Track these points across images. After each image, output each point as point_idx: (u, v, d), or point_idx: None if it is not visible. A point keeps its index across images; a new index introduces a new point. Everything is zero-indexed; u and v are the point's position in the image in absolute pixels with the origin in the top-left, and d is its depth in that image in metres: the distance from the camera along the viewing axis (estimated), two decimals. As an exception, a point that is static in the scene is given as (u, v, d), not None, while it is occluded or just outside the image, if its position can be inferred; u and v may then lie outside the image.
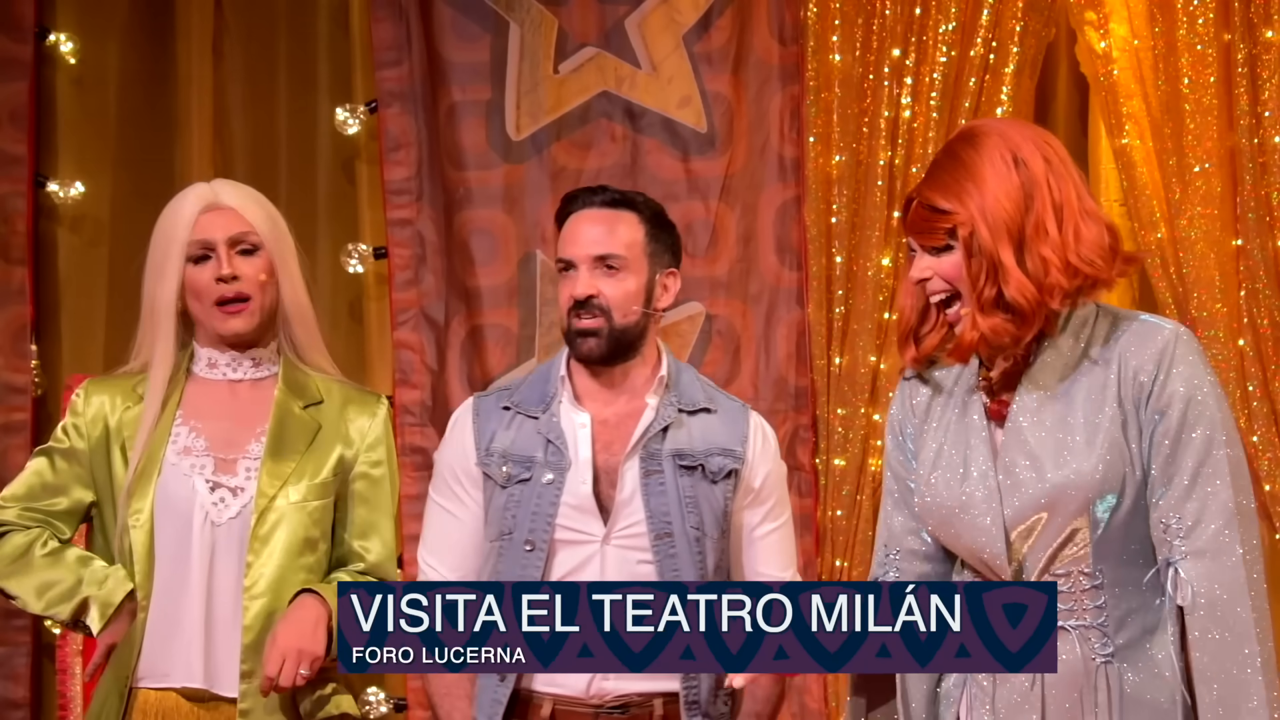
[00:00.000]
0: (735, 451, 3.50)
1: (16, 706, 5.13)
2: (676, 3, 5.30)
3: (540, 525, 3.42)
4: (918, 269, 3.00)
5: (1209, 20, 5.02)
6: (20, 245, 5.22)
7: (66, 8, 5.36)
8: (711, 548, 3.46)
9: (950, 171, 2.98)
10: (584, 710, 3.42)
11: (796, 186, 5.23)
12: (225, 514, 3.48)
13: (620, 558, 3.43)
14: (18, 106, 5.23)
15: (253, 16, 5.42)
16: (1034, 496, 2.94)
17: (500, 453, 3.48)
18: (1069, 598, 2.94)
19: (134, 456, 3.50)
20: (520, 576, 3.40)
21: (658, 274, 3.51)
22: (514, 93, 5.31)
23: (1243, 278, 5.02)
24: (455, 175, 5.31)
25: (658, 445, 3.47)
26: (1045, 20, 5.16)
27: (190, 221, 3.51)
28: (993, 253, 2.92)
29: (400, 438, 5.24)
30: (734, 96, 5.28)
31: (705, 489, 3.47)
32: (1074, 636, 2.94)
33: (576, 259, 3.49)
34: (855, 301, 5.15)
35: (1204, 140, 5.01)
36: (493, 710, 3.43)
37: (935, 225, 2.96)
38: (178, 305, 3.52)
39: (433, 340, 5.28)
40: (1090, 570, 2.94)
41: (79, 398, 3.59)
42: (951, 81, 5.12)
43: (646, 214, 3.53)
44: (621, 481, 3.45)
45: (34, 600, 3.52)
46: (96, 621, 3.49)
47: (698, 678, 3.41)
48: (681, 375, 3.55)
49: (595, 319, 3.46)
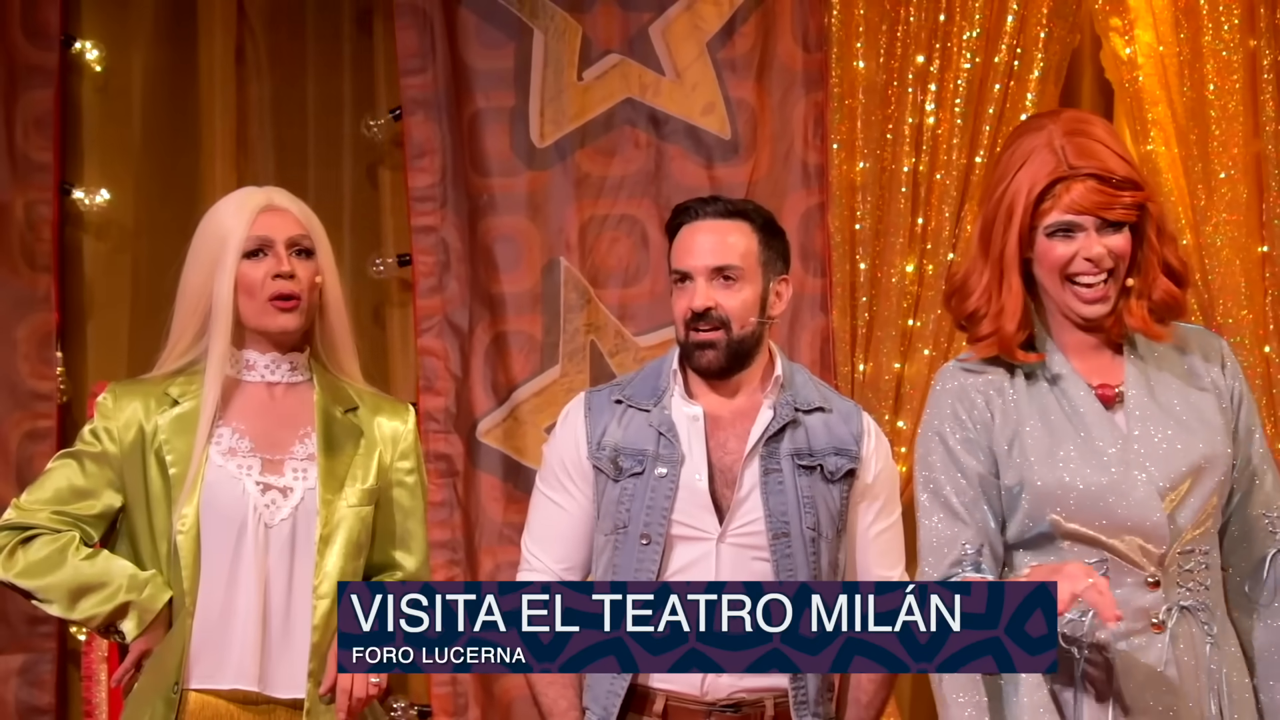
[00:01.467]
0: (851, 451, 3.54)
1: (42, 713, 5.13)
2: (700, 10, 5.31)
3: (656, 519, 3.45)
4: (1088, 243, 3.01)
5: (1234, 26, 5.03)
6: (46, 252, 5.22)
7: (92, 16, 5.37)
8: (827, 548, 3.49)
9: (1112, 150, 3.04)
10: (697, 708, 3.45)
11: (820, 193, 5.24)
12: (278, 515, 3.49)
13: (735, 556, 3.45)
14: (43, 114, 5.23)
15: (277, 24, 5.43)
16: (1179, 465, 2.98)
17: (612, 446, 3.52)
18: (1190, 576, 2.99)
19: (194, 459, 3.48)
20: (637, 570, 3.43)
21: (771, 282, 3.55)
22: (538, 100, 5.32)
23: (1268, 284, 5.04)
24: (479, 182, 5.32)
25: (776, 445, 3.50)
26: (1070, 26, 5.17)
27: (249, 219, 3.53)
28: (1166, 224, 3.04)
29: (424, 444, 5.21)
30: (758, 103, 5.29)
31: (823, 489, 3.50)
32: (1192, 617, 2.99)
33: (693, 270, 3.51)
34: (879, 308, 5.17)
35: (1229, 147, 5.03)
36: (609, 702, 3.45)
37: (1123, 199, 3.00)
38: (235, 303, 3.51)
39: (456, 347, 5.28)
40: (1209, 547, 3.01)
41: (108, 401, 3.57)
42: (976, 88, 5.14)
43: (759, 222, 3.56)
44: (740, 480, 3.48)
45: (66, 604, 3.49)
46: (133, 629, 3.48)
47: (805, 677, 3.44)
48: (796, 375, 3.59)
49: (714, 331, 3.50)
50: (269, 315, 3.52)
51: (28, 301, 5.21)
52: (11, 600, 5.08)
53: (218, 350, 3.50)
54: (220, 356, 3.50)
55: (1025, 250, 3.07)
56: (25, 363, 5.20)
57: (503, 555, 5.14)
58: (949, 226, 5.14)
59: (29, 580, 3.48)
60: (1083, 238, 3.03)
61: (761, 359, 3.56)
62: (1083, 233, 3.03)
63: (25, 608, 5.08)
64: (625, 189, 5.28)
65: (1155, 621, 2.97)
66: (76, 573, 3.47)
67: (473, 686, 5.14)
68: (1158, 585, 2.97)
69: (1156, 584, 2.97)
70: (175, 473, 3.48)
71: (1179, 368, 3.06)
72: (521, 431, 5.24)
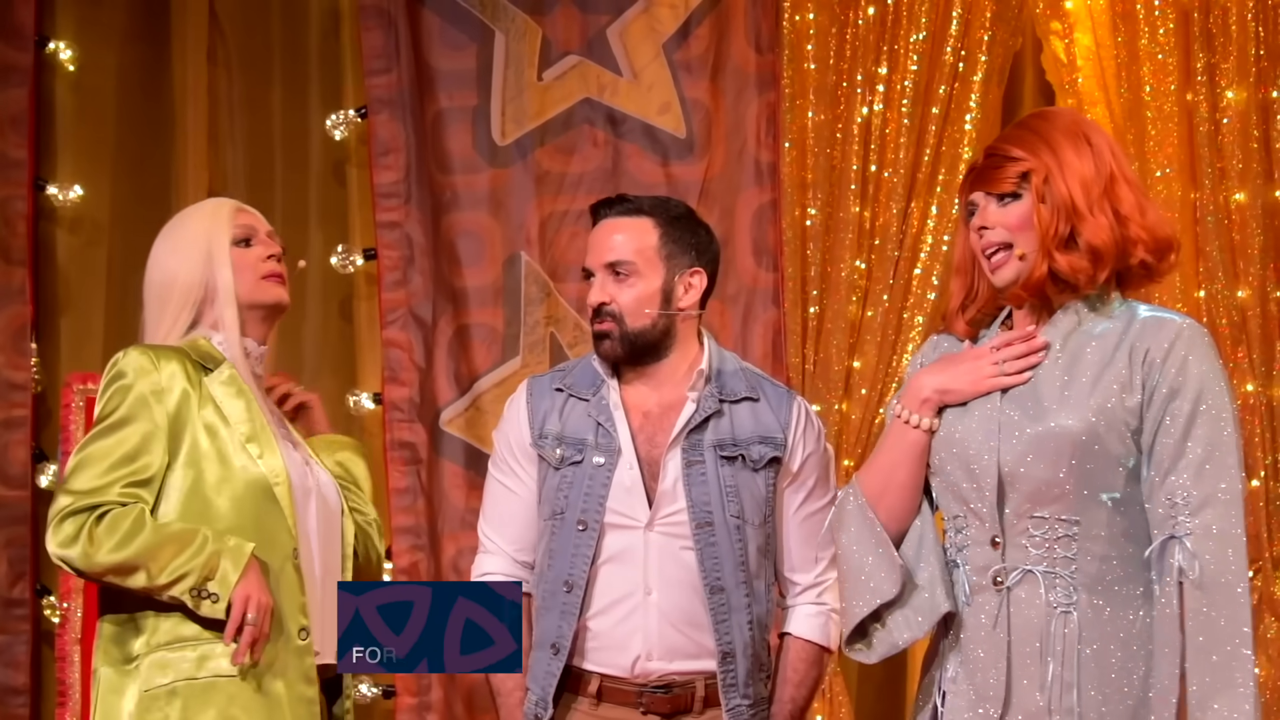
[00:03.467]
0: (776, 439, 3.57)
1: (17, 693, 5.16)
2: (657, 12, 5.36)
3: (593, 506, 3.51)
4: (981, 217, 3.13)
5: (1169, 30, 5.12)
6: (21, 246, 5.25)
7: (66, 17, 5.40)
8: (753, 534, 3.54)
9: (1022, 133, 3.15)
10: (629, 688, 3.51)
11: (773, 190, 5.29)
12: (316, 484, 3.55)
13: (663, 544, 3.51)
14: (18, 112, 5.26)
15: (247, 26, 5.47)
16: (1026, 438, 3.06)
17: (554, 435, 3.58)
18: (1042, 542, 3.06)
19: (258, 423, 3.46)
20: (574, 555, 3.51)
21: (677, 275, 3.58)
22: (499, 99, 5.37)
23: (1201, 278, 5.14)
24: (442, 179, 5.37)
25: (699, 436, 3.55)
26: (1012, 30, 5.26)
27: (230, 217, 3.59)
28: (1066, 197, 3.08)
29: (389, 433, 5.30)
30: (712, 103, 5.35)
31: (747, 477, 3.55)
32: (1040, 582, 3.06)
33: (594, 267, 3.60)
34: (829, 301, 5.23)
35: (1165, 146, 5.12)
36: (546, 682, 3.52)
37: (1006, 172, 3.11)
38: (235, 286, 3.55)
39: (420, 339, 5.33)
40: (1068, 519, 3.06)
41: (144, 361, 3.46)
42: (922, 89, 5.22)
43: (663, 218, 3.60)
44: (664, 472, 3.53)
45: (155, 569, 3.34)
46: (233, 574, 3.34)
47: (734, 660, 3.50)
48: (725, 365, 3.62)
49: (606, 323, 3.57)
50: (263, 289, 3.57)
51: (3, 294, 5.25)
52: (-15, 583, 5.19)
53: (234, 331, 3.53)
54: (238, 337, 3.54)
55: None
56: (0, 354, 5.24)
57: (465, 540, 5.19)
58: (896, 223, 5.21)
59: (117, 554, 3.33)
60: (979, 212, 3.15)
61: (685, 351, 3.60)
62: (979, 208, 3.15)
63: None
64: (584, 186, 5.32)
65: (996, 580, 3.08)
66: (159, 534, 3.36)
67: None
68: (999, 545, 3.08)
69: (998, 544, 3.08)
70: (246, 430, 3.46)
71: (1094, 345, 3.10)
72: (483, 421, 5.27)
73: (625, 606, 3.51)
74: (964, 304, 3.23)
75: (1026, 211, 3.10)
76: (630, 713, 3.52)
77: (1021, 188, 3.11)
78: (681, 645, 3.51)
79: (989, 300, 3.22)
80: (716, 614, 3.50)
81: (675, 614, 3.50)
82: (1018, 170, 3.10)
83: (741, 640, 3.51)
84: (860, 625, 3.17)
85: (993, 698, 3.06)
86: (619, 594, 3.51)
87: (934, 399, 3.15)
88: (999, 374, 3.12)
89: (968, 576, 3.12)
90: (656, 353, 3.58)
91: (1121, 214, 3.09)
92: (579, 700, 3.53)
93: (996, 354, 3.13)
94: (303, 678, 3.43)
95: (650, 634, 3.50)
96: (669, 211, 3.62)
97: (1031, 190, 3.10)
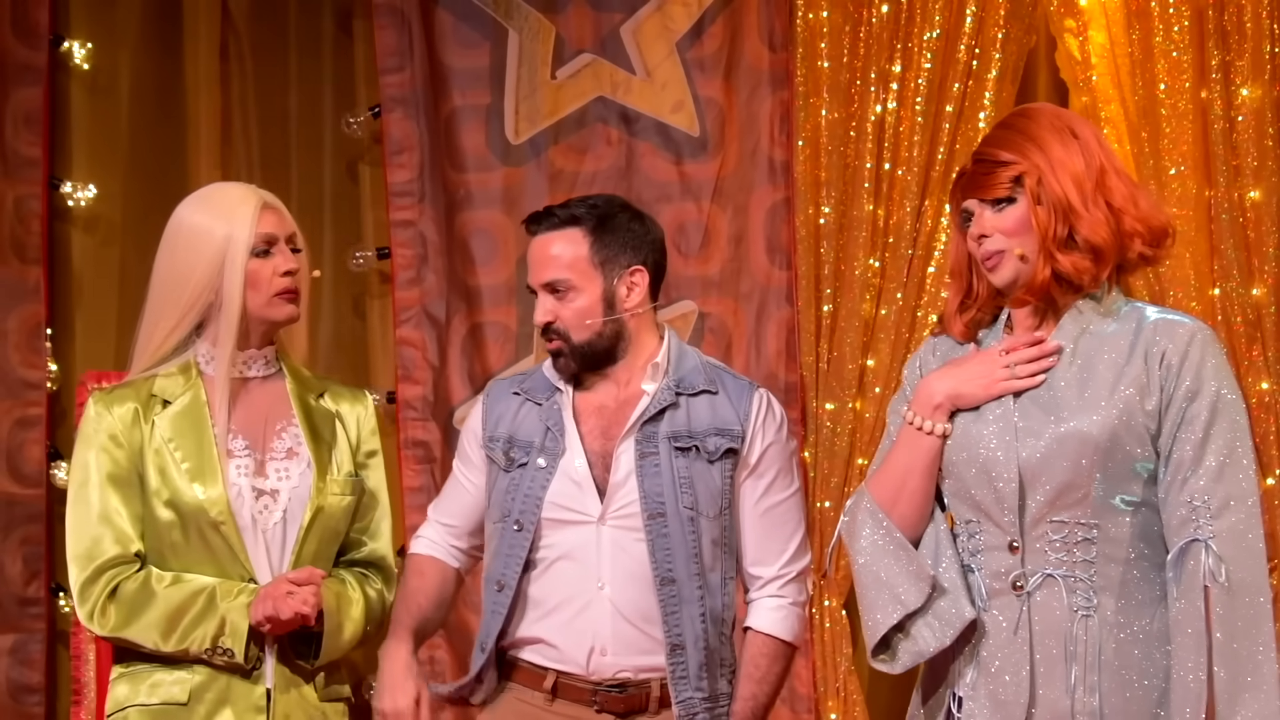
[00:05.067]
0: (733, 430, 3.54)
1: (32, 691, 5.17)
2: (670, 11, 5.36)
3: (530, 507, 3.50)
4: (978, 226, 3.11)
5: (1184, 28, 5.11)
6: (35, 245, 5.26)
7: (80, 16, 5.41)
8: (708, 526, 3.51)
9: (1008, 134, 3.12)
10: (584, 686, 3.50)
11: (786, 188, 5.29)
12: (270, 520, 3.56)
13: (615, 537, 3.49)
14: (33, 111, 5.27)
15: (260, 25, 5.47)
16: (1046, 441, 3.05)
17: (505, 438, 3.57)
18: (1062, 546, 3.05)
19: (210, 455, 3.50)
20: (508, 556, 3.51)
21: (615, 279, 3.55)
22: (513, 98, 5.37)
23: (1216, 276, 5.12)
24: (456, 177, 5.37)
25: (654, 428, 3.52)
26: (1026, 27, 5.25)
27: (253, 218, 3.54)
28: (1062, 197, 3.05)
29: (403, 432, 5.31)
30: (725, 101, 5.34)
31: (701, 469, 3.52)
32: (1061, 585, 3.05)
33: (534, 285, 3.58)
34: (842, 300, 5.23)
35: (1179, 144, 5.10)
36: (474, 675, 3.55)
37: (998, 177, 3.09)
38: (244, 297, 3.54)
39: (434, 337, 5.34)
40: (1087, 522, 3.05)
41: (99, 408, 3.55)
42: (936, 87, 5.21)
43: (590, 224, 3.54)
44: (616, 464, 3.51)
45: (168, 641, 3.48)
46: (242, 624, 3.46)
47: (684, 651, 3.47)
48: (684, 359, 3.59)
49: (555, 342, 3.55)
50: (275, 306, 3.55)
51: (17, 293, 5.25)
52: (1, 581, 5.18)
53: (227, 348, 3.52)
54: (229, 354, 3.53)
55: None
56: (15, 352, 5.24)
57: (478, 538, 5.23)
58: (910, 221, 5.21)
59: (125, 631, 3.49)
60: (975, 220, 3.13)
61: (642, 348, 3.57)
62: (974, 216, 3.13)
63: (14, 589, 5.19)
64: (597, 184, 5.30)
65: (1016, 585, 3.07)
66: (163, 605, 3.48)
67: (449, 660, 5.22)
68: (1018, 550, 3.06)
69: (1017, 548, 3.06)
70: (191, 464, 3.50)
71: (1107, 347, 3.09)
72: None
73: (578, 603, 3.49)
74: (962, 305, 3.21)
75: (1023, 215, 3.08)
76: (585, 710, 3.50)
77: (1015, 191, 3.08)
78: (635, 640, 3.49)
79: (989, 301, 3.20)
80: (667, 605, 3.47)
81: (629, 608, 3.49)
82: (1009, 175, 3.08)
83: (693, 633, 3.48)
84: (882, 636, 3.14)
85: (1015, 703, 3.05)
86: (571, 591, 3.50)
87: (946, 404, 3.13)
88: (1010, 377, 3.11)
89: (983, 581, 3.11)
90: (611, 356, 3.56)
91: (1115, 206, 3.07)
92: (534, 695, 3.52)
93: (1007, 357, 3.12)
94: (251, 707, 3.49)
95: (603, 629, 3.49)
96: (595, 214, 3.55)
97: (1026, 193, 3.08)
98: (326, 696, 3.60)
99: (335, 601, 3.56)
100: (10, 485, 5.23)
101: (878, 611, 3.12)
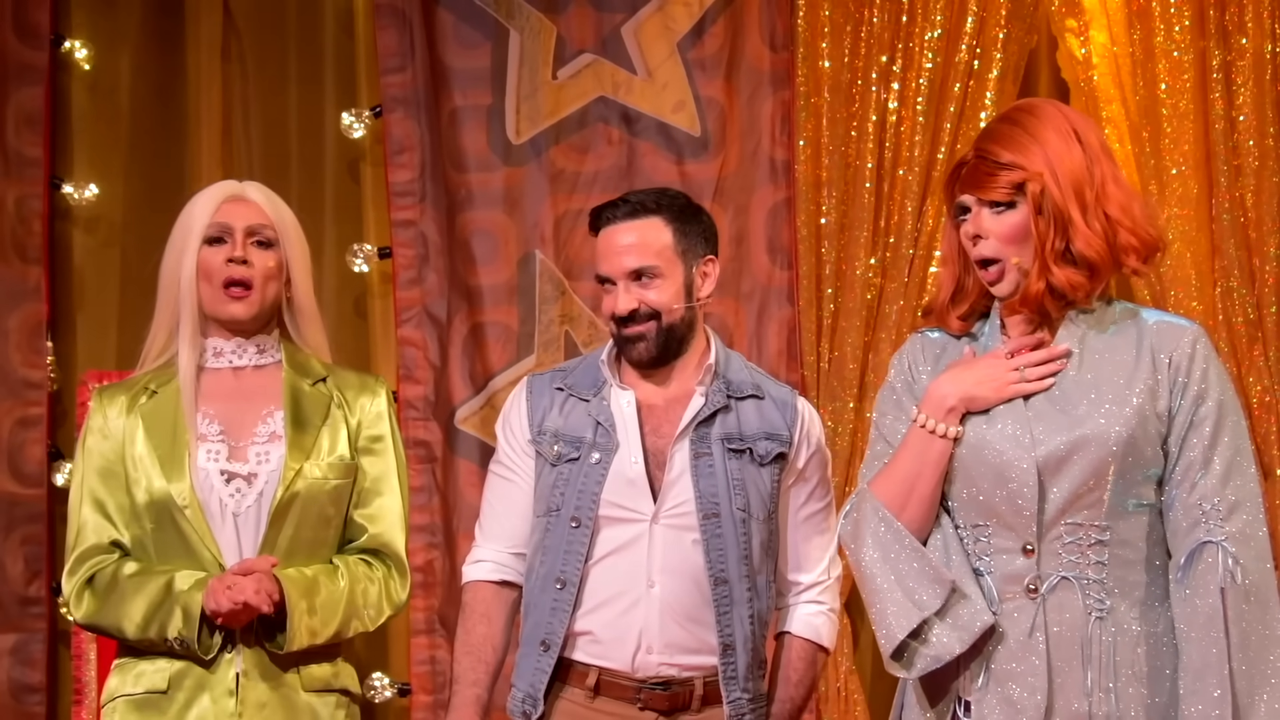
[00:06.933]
0: (782, 435, 3.56)
1: (33, 691, 5.18)
2: (671, 11, 5.36)
3: (586, 503, 3.50)
4: (974, 227, 3.08)
5: (1185, 28, 5.12)
6: (36, 245, 5.27)
7: (81, 16, 5.42)
8: (757, 528, 3.53)
9: (1013, 132, 3.09)
10: (628, 684, 3.50)
11: (787, 188, 5.29)
12: (244, 504, 3.57)
13: (668, 536, 3.50)
14: (34, 111, 5.28)
15: (261, 24, 5.48)
16: (1063, 444, 3.04)
17: (552, 432, 3.56)
18: (1075, 549, 3.05)
19: (180, 441, 3.54)
20: (566, 552, 3.49)
21: (694, 267, 3.57)
22: (514, 98, 5.37)
23: (1217, 276, 5.13)
24: (457, 178, 5.38)
25: (707, 429, 3.54)
26: (1027, 27, 5.26)
27: (212, 208, 3.60)
28: (1063, 208, 3.03)
29: (404, 431, 5.25)
30: (726, 101, 5.35)
31: (753, 472, 3.54)
32: (1076, 588, 3.05)
33: (613, 275, 3.55)
34: (844, 300, 5.24)
35: (1180, 144, 5.11)
36: (535, 679, 3.50)
37: (1000, 179, 3.06)
38: (196, 287, 3.58)
39: (435, 337, 5.34)
40: (1100, 525, 3.05)
41: (95, 405, 3.64)
42: (937, 87, 5.22)
43: (671, 213, 3.56)
44: (671, 463, 3.52)
45: (132, 630, 3.54)
46: (195, 609, 3.49)
47: (735, 652, 3.49)
48: (731, 362, 3.62)
49: (644, 324, 3.53)
50: (221, 302, 3.59)
51: (19, 293, 5.26)
52: (2, 581, 5.19)
53: (186, 333, 3.57)
54: (190, 339, 3.58)
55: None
56: (17, 352, 5.26)
57: (480, 539, 5.23)
58: (911, 220, 5.21)
59: (97, 618, 3.56)
60: (971, 218, 3.10)
61: (697, 345, 3.59)
62: (970, 213, 3.11)
63: (15, 588, 5.20)
64: (598, 184, 5.32)
65: (1030, 588, 3.06)
66: (126, 593, 3.53)
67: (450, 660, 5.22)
68: (1033, 553, 3.05)
69: (1031, 551, 3.05)
70: (160, 455, 3.55)
71: (1112, 351, 3.09)
72: (498, 419, 5.28)
73: (626, 600, 3.50)
74: (954, 298, 3.19)
75: (1022, 222, 3.06)
76: (628, 708, 3.50)
77: (1016, 197, 3.06)
78: (682, 639, 3.50)
79: (980, 297, 3.19)
80: (719, 606, 3.49)
81: (677, 607, 3.49)
82: (1012, 180, 3.05)
83: (742, 634, 3.50)
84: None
85: (1030, 706, 3.05)
86: (620, 588, 3.50)
87: (960, 407, 3.10)
88: (1020, 380, 3.10)
89: (994, 585, 3.10)
90: (682, 347, 3.57)
91: (1112, 218, 3.05)
92: (575, 693, 3.51)
93: (1015, 360, 3.11)
94: (225, 692, 3.51)
95: (651, 627, 3.49)
96: (675, 204, 3.58)
97: (1028, 200, 3.05)
98: (313, 687, 3.59)
99: (301, 588, 3.55)
100: (11, 485, 5.24)
101: (892, 618, 3.09)
